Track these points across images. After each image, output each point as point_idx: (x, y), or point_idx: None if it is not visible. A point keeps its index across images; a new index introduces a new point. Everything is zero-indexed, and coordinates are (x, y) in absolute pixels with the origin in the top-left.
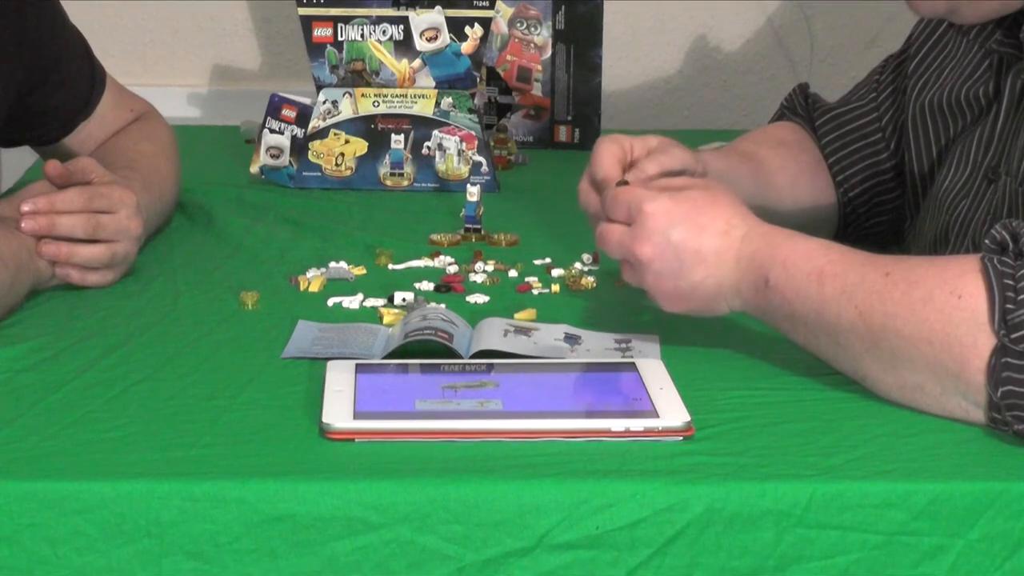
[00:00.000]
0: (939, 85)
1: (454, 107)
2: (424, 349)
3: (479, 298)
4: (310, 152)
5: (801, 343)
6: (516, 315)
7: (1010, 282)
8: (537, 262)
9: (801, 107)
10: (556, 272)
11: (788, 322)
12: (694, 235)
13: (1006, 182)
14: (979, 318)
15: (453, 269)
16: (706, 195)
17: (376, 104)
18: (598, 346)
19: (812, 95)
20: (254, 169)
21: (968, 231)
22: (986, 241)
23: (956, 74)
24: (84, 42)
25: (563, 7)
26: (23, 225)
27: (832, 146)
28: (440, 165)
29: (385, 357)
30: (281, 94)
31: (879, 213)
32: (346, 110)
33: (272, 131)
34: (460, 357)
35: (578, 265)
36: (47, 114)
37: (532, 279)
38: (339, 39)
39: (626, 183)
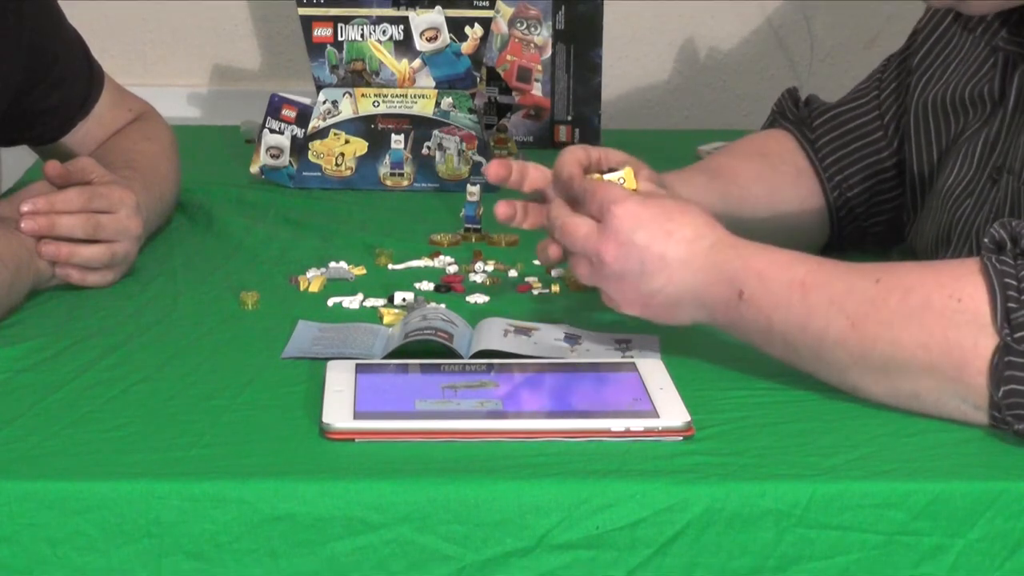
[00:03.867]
0: (943, 82)
1: (454, 107)
2: (424, 349)
3: (479, 298)
4: (310, 152)
5: (776, 356)
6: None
7: (1012, 281)
8: (537, 262)
9: (791, 112)
10: (556, 272)
11: (763, 336)
12: (660, 240)
13: (1008, 181)
14: (980, 320)
15: (453, 269)
16: (676, 202)
17: (376, 104)
18: (598, 346)
19: (810, 97)
20: (254, 169)
21: (971, 231)
22: (985, 240)
23: (961, 71)
24: (82, 42)
25: (563, 7)
26: (23, 225)
27: (830, 146)
28: (440, 165)
29: (385, 357)
30: (281, 94)
31: (879, 212)
32: (346, 110)
33: (272, 131)
34: (460, 357)
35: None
36: (45, 114)
37: (532, 279)
38: (339, 39)
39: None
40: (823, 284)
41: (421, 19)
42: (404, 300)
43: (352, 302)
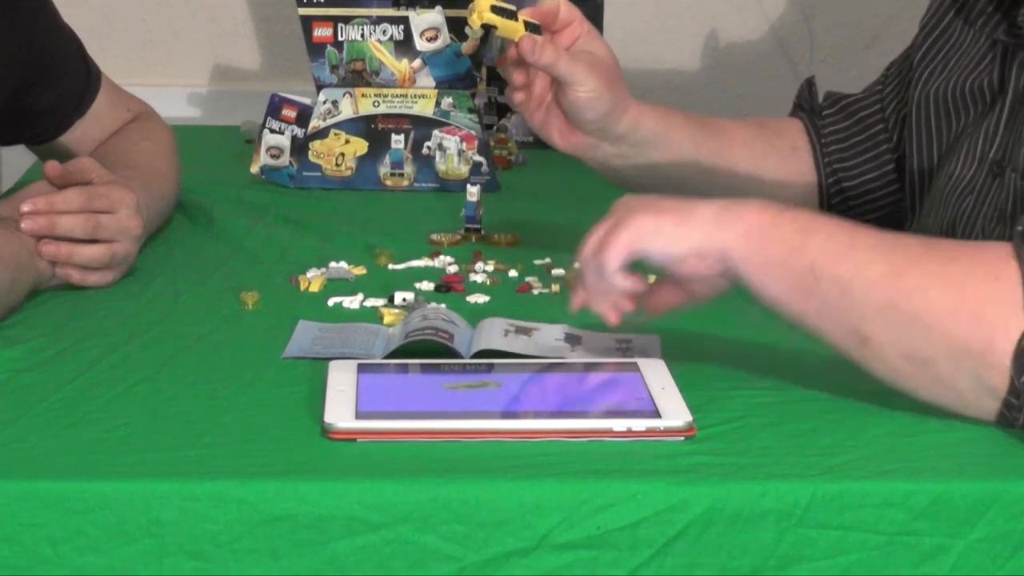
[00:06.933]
0: (945, 76)
1: (454, 107)
2: (425, 349)
3: (479, 298)
4: (310, 152)
5: (779, 289)
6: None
7: None
8: (537, 262)
9: (806, 101)
10: (556, 272)
11: (789, 254)
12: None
13: (1012, 179)
14: (1014, 302)
15: (453, 269)
16: None
17: (376, 104)
18: (598, 346)
19: (829, 92)
20: (254, 169)
21: (975, 226)
22: (1019, 228)
23: (962, 65)
24: (78, 42)
25: None
26: (23, 225)
27: (835, 136)
28: (440, 165)
29: (386, 357)
30: (281, 94)
31: (873, 209)
32: (346, 110)
33: (272, 131)
34: (461, 357)
35: (578, 265)
36: (43, 113)
37: (532, 279)
38: (339, 39)
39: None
40: (870, 233)
41: (421, 19)
42: (404, 300)
43: (352, 302)
